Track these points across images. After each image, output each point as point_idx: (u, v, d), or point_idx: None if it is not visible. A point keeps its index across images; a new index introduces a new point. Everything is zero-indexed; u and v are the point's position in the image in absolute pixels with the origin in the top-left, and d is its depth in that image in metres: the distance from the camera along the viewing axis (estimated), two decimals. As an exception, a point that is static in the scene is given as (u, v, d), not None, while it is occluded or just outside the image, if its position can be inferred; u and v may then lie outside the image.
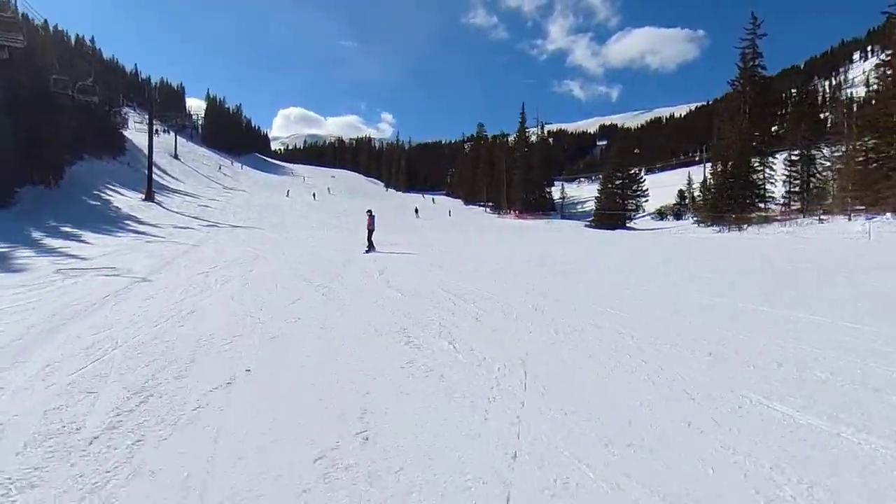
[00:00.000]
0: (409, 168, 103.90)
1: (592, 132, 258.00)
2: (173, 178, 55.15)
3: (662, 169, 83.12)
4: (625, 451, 2.69)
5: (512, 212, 60.91)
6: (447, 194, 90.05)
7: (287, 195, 57.09)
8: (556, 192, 70.68)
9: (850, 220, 21.97)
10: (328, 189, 61.01)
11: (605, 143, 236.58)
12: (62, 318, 5.90)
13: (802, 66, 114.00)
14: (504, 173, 65.05)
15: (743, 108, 36.79)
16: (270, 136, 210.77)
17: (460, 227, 35.54)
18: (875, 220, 20.85)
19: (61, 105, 33.87)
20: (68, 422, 3.04)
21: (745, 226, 27.75)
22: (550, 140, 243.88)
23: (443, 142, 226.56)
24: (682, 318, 6.07)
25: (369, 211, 18.02)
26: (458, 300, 7.25)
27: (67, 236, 20.41)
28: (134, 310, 6.44)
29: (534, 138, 72.65)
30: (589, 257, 16.60)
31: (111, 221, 27.55)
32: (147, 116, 53.72)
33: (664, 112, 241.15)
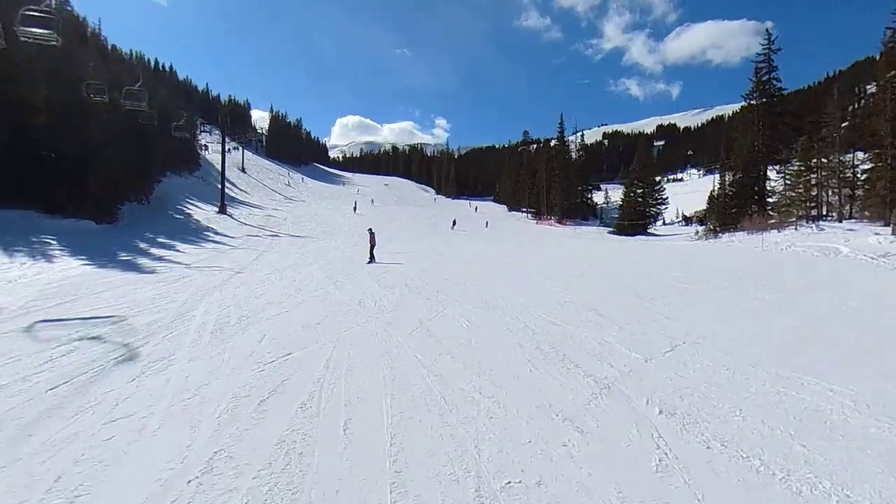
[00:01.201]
0: (457, 175, 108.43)
1: (649, 132, 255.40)
2: (241, 190, 61.66)
3: (710, 171, 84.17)
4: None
5: (551, 218, 64.29)
6: (494, 200, 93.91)
7: (352, 209, 62.60)
8: (600, 197, 73.54)
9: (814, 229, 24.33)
10: (371, 201, 66.06)
11: (662, 143, 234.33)
12: (201, 294, 10.57)
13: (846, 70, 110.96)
14: (544, 181, 68.22)
15: (757, 121, 39.19)
16: (329, 143, 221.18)
17: (478, 237, 39.39)
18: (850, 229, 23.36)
19: (153, 132, 40.29)
20: (224, 322, 7.54)
21: (743, 233, 30.34)
22: (605, 142, 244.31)
23: (496, 146, 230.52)
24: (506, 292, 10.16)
25: (370, 229, 21.18)
26: (382, 288, 11.57)
27: (165, 246, 25.93)
28: (235, 288, 11.11)
29: (576, 146, 75.45)
30: (547, 260, 20.43)
31: (194, 233, 33.34)
32: (216, 132, 60.67)
33: (727, 110, 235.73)
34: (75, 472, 3.10)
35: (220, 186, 50.97)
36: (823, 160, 30.88)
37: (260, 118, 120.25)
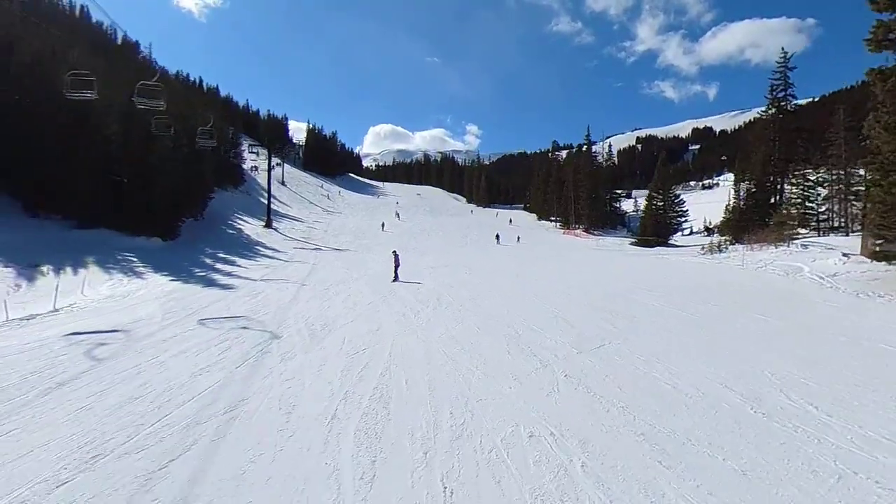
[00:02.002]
0: (489, 185, 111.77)
1: (684, 136, 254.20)
2: (282, 203, 66.21)
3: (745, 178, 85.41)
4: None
5: (578, 228, 67.08)
6: (525, 209, 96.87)
7: (384, 222, 66.51)
8: (630, 204, 76.11)
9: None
10: (397, 214, 69.50)
11: (697, 147, 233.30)
12: (283, 307, 14.26)
13: None
14: (571, 191, 70.88)
15: (773, 136, 41.58)
16: (362, 152, 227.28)
17: (504, 252, 42.56)
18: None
19: (204, 152, 44.89)
20: (312, 330, 11.10)
21: (743, 248, 32.49)
22: (639, 147, 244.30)
23: (528, 152, 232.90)
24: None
25: (394, 252, 22.83)
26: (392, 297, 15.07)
27: (226, 262, 30.08)
28: (306, 303, 14.79)
29: (604, 155, 77.95)
30: (551, 279, 23.65)
31: (247, 247, 37.59)
32: (257, 146, 65.37)
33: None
34: (283, 399, 6.66)
35: (262, 200, 55.80)
36: (825, 175, 33.25)
37: (296, 129, 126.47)
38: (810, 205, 37.01)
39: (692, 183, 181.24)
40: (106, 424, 5.66)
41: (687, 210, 54.11)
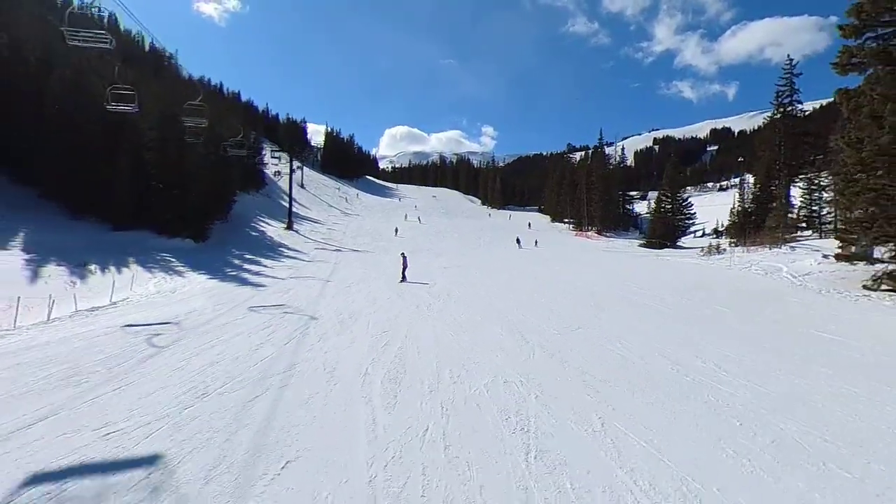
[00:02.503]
0: (503, 187, 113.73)
1: (702, 137, 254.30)
2: (302, 205, 68.78)
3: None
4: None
5: (590, 230, 68.89)
6: (539, 210, 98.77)
7: (402, 219, 68.72)
8: (644, 206, 77.64)
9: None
10: (418, 219, 71.35)
11: (715, 148, 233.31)
12: (312, 300, 16.51)
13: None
14: (584, 193, 72.72)
15: (778, 140, 43.11)
16: (379, 154, 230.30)
17: (515, 254, 44.56)
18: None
19: (231, 158, 47.55)
20: (341, 318, 13.30)
21: (741, 250, 33.95)
22: (656, 148, 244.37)
23: (544, 153, 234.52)
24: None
25: (403, 254, 24.41)
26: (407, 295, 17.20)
27: (253, 262, 32.50)
28: (332, 298, 17.01)
29: (616, 157, 79.51)
30: (552, 276, 25.64)
31: (271, 248, 40.06)
32: (279, 152, 68.03)
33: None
34: (326, 364, 8.82)
35: (282, 203, 58.57)
36: (817, 181, 34.80)
37: (313, 131, 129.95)
38: (815, 208, 38.51)
39: (710, 184, 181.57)
40: (201, 377, 7.87)
41: (695, 213, 55.66)
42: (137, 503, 4.23)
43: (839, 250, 17.70)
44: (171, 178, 38.00)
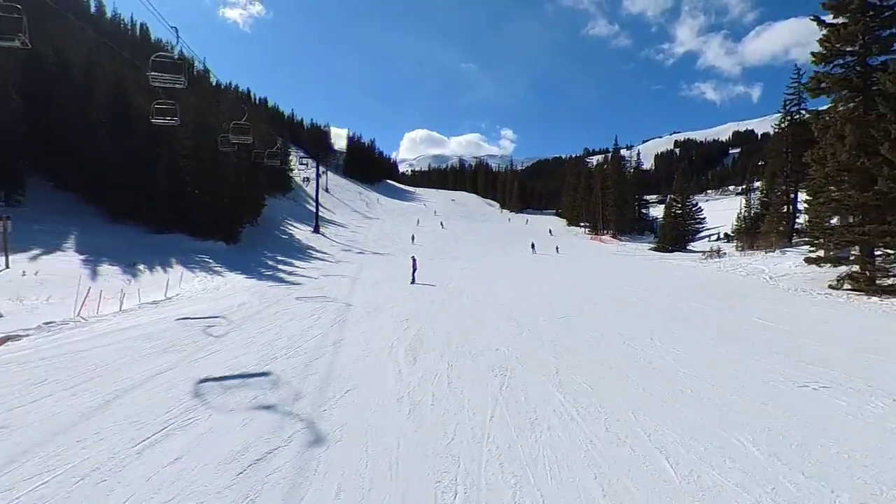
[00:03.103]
0: (521, 189, 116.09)
1: (724, 139, 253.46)
2: (327, 209, 71.98)
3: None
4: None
5: (606, 233, 71.01)
6: (557, 214, 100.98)
7: (417, 223, 71.56)
8: (661, 210, 79.26)
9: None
10: (441, 224, 73.77)
11: (738, 151, 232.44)
12: (344, 295, 19.28)
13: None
14: (599, 198, 74.81)
15: (785, 147, 44.91)
16: (399, 158, 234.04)
17: (530, 258, 47.02)
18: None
19: (260, 164, 50.75)
20: (370, 310, 16.00)
21: (738, 255, 35.95)
22: (677, 151, 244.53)
23: (563, 157, 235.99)
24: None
25: (413, 257, 26.80)
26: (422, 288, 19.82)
27: (285, 263, 35.46)
28: (362, 294, 19.73)
29: (632, 163, 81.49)
30: (556, 275, 28.13)
31: (300, 251, 43.08)
32: (307, 158, 71.41)
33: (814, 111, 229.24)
34: (362, 340, 11.49)
35: (308, 206, 61.78)
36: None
37: (335, 135, 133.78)
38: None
39: (731, 188, 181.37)
40: (269, 348, 10.59)
41: (704, 217, 57.60)
42: (267, 389, 7.00)
43: (810, 255, 19.95)
44: (205, 183, 41.27)
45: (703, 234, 60.44)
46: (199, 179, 41.07)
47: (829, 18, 18.70)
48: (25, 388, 7.36)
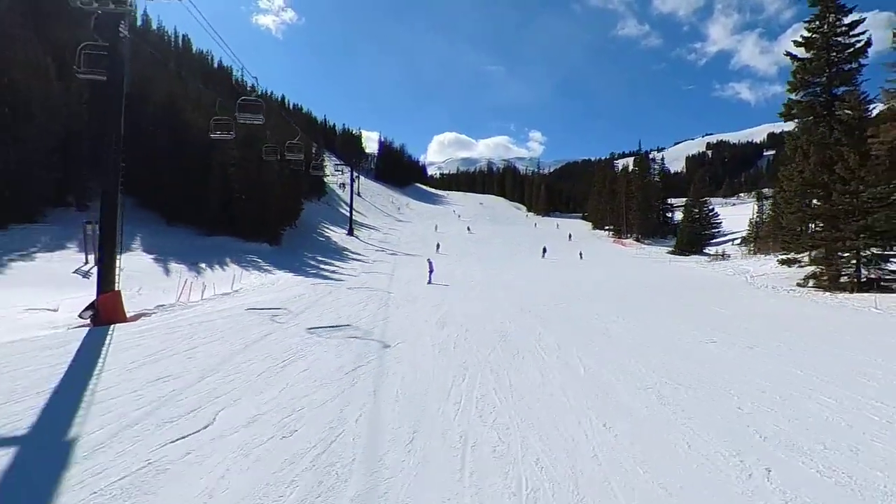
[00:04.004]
0: (548, 192, 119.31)
1: (759, 141, 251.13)
2: (359, 212, 76.25)
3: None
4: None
5: (629, 237, 73.95)
6: (583, 217, 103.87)
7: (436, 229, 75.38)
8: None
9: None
10: (468, 228, 77.21)
11: (772, 153, 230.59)
12: (384, 287, 23.22)
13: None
14: (623, 202, 77.63)
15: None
16: (427, 161, 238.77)
17: (548, 262, 50.59)
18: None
19: (300, 171, 55.28)
20: (406, 299, 19.90)
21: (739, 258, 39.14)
22: (709, 153, 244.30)
23: (592, 159, 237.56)
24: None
25: (429, 259, 29.96)
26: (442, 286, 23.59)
27: (325, 263, 39.71)
28: (398, 289, 23.65)
29: (658, 167, 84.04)
30: (572, 274, 31.59)
31: (337, 252, 47.37)
32: (342, 165, 75.91)
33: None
34: (405, 319, 15.36)
35: (341, 210, 66.25)
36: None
37: (365, 137, 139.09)
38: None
39: (765, 190, 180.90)
40: (338, 320, 14.54)
41: (721, 222, 60.38)
42: (368, 332, 10.98)
43: (782, 257, 23.25)
44: (252, 190, 45.81)
45: (727, 238, 62.93)
46: (246, 187, 45.63)
47: (801, 53, 22.09)
48: (181, 341, 11.32)
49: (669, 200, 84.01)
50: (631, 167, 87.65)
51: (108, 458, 5.01)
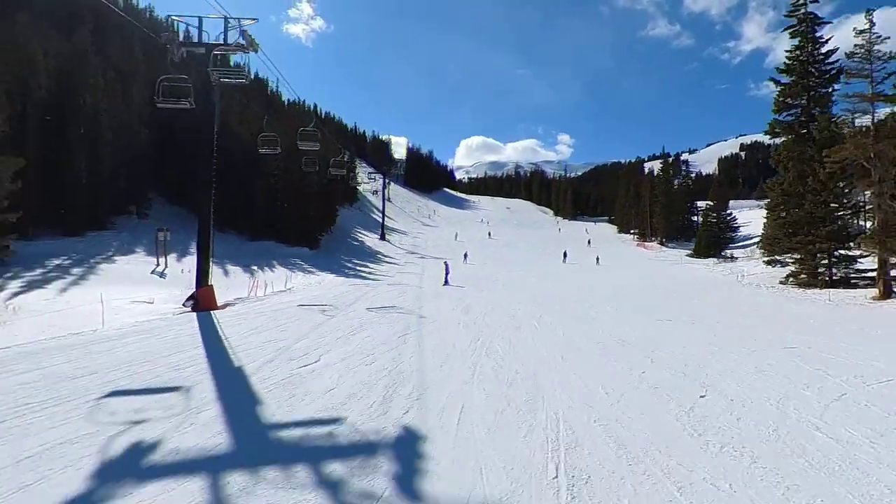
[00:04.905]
0: (576, 196, 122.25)
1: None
2: (390, 217, 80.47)
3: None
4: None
5: (653, 240, 76.62)
6: (609, 221, 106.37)
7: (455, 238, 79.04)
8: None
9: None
10: (489, 234, 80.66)
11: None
12: (417, 285, 27.08)
13: None
14: (647, 206, 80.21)
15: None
16: (455, 165, 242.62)
17: (572, 265, 54.10)
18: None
19: (335, 180, 59.66)
20: (435, 295, 23.70)
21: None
22: (742, 154, 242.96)
23: (622, 161, 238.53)
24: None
25: (445, 262, 32.80)
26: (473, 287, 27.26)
27: (361, 265, 43.81)
28: (429, 287, 27.47)
29: (682, 171, 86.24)
30: (586, 277, 34.98)
31: (371, 255, 51.54)
32: (375, 173, 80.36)
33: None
34: (435, 308, 19.16)
35: (373, 216, 70.59)
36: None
37: (395, 143, 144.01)
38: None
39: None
40: (388, 301, 18.42)
41: (738, 226, 62.69)
42: (409, 314, 14.85)
43: (765, 258, 26.43)
44: (293, 199, 50.22)
45: (750, 241, 65.14)
46: (287, 195, 50.11)
47: (783, 78, 25.47)
48: (269, 321, 15.28)
49: (698, 203, 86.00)
50: (657, 171, 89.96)
51: (266, 374, 8.86)
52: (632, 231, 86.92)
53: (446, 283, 28.71)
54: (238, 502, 4.15)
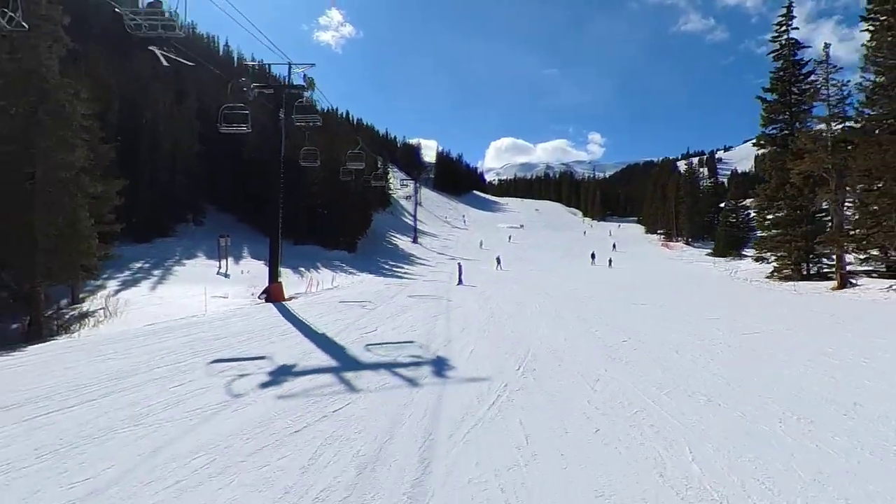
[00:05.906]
0: (605, 197, 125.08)
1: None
2: (421, 221, 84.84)
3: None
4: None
5: (679, 240, 79.49)
6: (638, 221, 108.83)
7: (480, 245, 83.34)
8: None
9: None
10: (509, 237, 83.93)
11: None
12: (448, 279, 31.28)
13: None
14: (673, 206, 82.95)
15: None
16: (485, 167, 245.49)
17: (597, 266, 57.84)
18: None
19: (370, 186, 64.26)
20: (465, 293, 27.88)
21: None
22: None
23: (655, 160, 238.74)
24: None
25: (459, 264, 35.17)
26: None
27: (396, 266, 48.24)
28: (459, 288, 31.64)
29: (706, 174, 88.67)
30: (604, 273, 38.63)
31: (405, 258, 55.95)
32: (407, 180, 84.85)
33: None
34: (460, 296, 23.32)
35: (404, 219, 75.19)
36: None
37: (425, 146, 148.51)
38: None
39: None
40: (423, 293, 22.65)
41: (755, 226, 65.41)
42: (440, 298, 19.11)
43: (755, 255, 29.91)
44: (332, 205, 54.93)
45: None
46: (326, 202, 54.87)
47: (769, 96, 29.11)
48: (329, 308, 19.63)
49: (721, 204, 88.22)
50: (683, 170, 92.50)
51: (343, 337, 13.15)
52: (658, 231, 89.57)
53: (460, 282, 31.34)
54: (352, 382, 8.36)
